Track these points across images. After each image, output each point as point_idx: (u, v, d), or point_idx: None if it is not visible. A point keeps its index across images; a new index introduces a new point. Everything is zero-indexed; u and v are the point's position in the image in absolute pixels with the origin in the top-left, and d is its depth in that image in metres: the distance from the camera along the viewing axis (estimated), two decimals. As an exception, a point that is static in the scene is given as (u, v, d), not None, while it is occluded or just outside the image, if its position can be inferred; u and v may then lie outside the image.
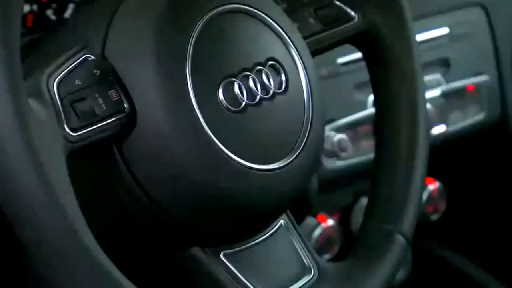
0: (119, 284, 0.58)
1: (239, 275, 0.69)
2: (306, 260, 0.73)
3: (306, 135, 0.70)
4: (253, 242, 0.71)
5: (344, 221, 1.04)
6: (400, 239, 0.76)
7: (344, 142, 0.95)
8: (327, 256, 1.01)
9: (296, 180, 0.70)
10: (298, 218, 0.96)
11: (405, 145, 0.78)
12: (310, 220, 0.99)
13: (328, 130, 0.95)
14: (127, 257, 0.68)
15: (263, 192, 0.67)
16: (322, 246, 0.99)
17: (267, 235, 0.72)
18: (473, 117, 1.05)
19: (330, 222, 1.00)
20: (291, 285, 0.71)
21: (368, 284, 0.73)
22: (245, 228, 0.70)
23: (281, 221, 0.73)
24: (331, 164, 0.95)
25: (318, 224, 0.99)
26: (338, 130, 0.96)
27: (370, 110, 0.98)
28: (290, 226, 0.74)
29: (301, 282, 0.71)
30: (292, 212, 0.76)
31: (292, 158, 0.69)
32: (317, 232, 0.98)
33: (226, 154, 0.64)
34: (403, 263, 1.08)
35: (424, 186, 0.81)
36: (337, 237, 1.00)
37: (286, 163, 0.68)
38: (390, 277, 0.75)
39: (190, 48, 0.65)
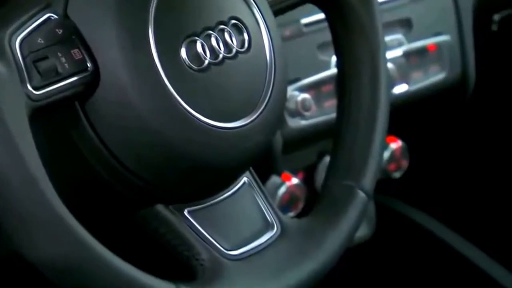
0: (80, 238, 0.59)
1: (203, 231, 0.69)
2: (269, 217, 0.74)
3: (269, 94, 0.70)
4: (217, 199, 0.71)
5: (308, 179, 1.05)
6: (361, 194, 0.77)
7: (307, 102, 0.95)
8: (291, 214, 1.01)
9: (258, 138, 0.70)
10: (263, 177, 0.96)
11: (366, 104, 0.79)
12: (274, 179, 1.00)
13: (292, 90, 0.95)
14: (91, 215, 0.68)
15: (226, 149, 0.68)
16: (286, 204, 0.99)
17: (231, 192, 0.72)
18: (434, 76, 1.06)
19: (295, 180, 1.01)
20: (254, 240, 0.71)
21: (329, 238, 0.73)
22: (209, 185, 0.70)
23: (245, 179, 0.74)
24: (295, 123, 0.95)
25: (283, 182, 1.00)
26: (302, 89, 0.96)
27: (334, 70, 0.98)
28: (254, 184, 0.74)
29: (264, 238, 0.72)
30: (257, 171, 0.77)
31: (255, 116, 0.69)
32: (282, 190, 0.99)
33: (189, 112, 0.65)
34: (364, 218, 1.10)
35: (385, 144, 0.82)
36: (301, 195, 1.01)
37: (249, 121, 0.69)
38: (351, 231, 0.75)
39: (152, 7, 0.65)
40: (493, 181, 1.28)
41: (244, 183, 0.74)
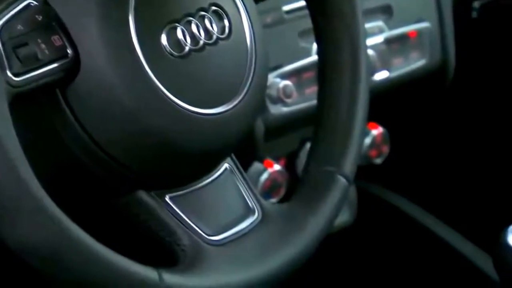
0: (62, 224, 0.58)
1: (184, 217, 0.69)
2: (250, 202, 0.74)
3: (250, 80, 0.70)
4: (199, 185, 0.71)
5: (290, 166, 1.05)
6: (341, 180, 0.77)
7: (289, 89, 0.95)
8: (273, 200, 1.01)
9: (239, 124, 0.70)
10: (246, 164, 0.97)
11: (347, 91, 0.79)
12: (257, 166, 1.00)
13: (273, 77, 0.95)
14: (73, 201, 0.68)
15: (207, 135, 0.68)
16: (268, 190, 0.99)
17: (213, 178, 0.72)
18: (415, 63, 1.06)
19: (277, 167, 1.01)
20: (235, 226, 0.71)
21: (310, 223, 0.74)
22: (190, 171, 0.70)
23: (226, 165, 0.74)
24: (277, 110, 0.95)
25: (265, 169, 1.00)
26: (283, 76, 0.96)
27: (315, 57, 0.98)
28: (235, 170, 0.74)
29: (245, 223, 0.72)
30: (240, 158, 0.77)
31: (236, 102, 0.69)
32: (264, 176, 0.99)
33: (170, 98, 0.65)
34: (346, 204, 1.10)
35: (366, 130, 0.82)
36: (283, 182, 1.01)
37: (230, 107, 0.69)
38: (332, 216, 0.76)
39: None
40: (473, 166, 1.28)
41: (226, 169, 0.73)
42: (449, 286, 1.08)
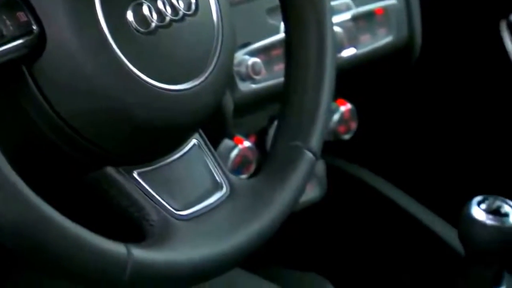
0: (30, 201, 0.58)
1: (152, 192, 0.69)
2: (218, 177, 0.73)
3: (217, 56, 0.70)
4: (167, 161, 0.71)
5: (260, 142, 1.04)
6: (308, 155, 0.76)
7: (257, 66, 0.94)
8: (244, 176, 1.01)
9: (206, 100, 0.70)
10: (216, 140, 0.96)
11: (313, 68, 0.79)
12: (227, 142, 0.99)
13: (242, 54, 0.95)
14: (41, 178, 0.67)
15: (175, 111, 0.67)
16: (239, 166, 0.99)
17: (180, 154, 0.72)
18: (382, 40, 1.06)
19: (247, 143, 1.00)
20: (203, 201, 0.71)
21: (277, 197, 0.73)
22: (158, 147, 0.70)
23: (194, 141, 0.73)
24: (246, 87, 0.95)
25: (235, 145, 0.99)
26: (252, 54, 0.95)
27: (283, 34, 0.97)
28: (203, 145, 0.74)
29: (213, 198, 0.72)
30: (209, 134, 0.76)
31: (203, 78, 0.69)
32: (234, 153, 0.98)
33: (136, 74, 0.64)
34: (315, 179, 1.10)
35: (334, 107, 0.82)
36: (253, 158, 1.01)
37: (196, 83, 0.68)
38: (299, 190, 0.75)
39: None
40: (438, 141, 1.29)
41: (194, 145, 0.73)
42: (415, 259, 1.08)
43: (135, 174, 0.68)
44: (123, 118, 0.64)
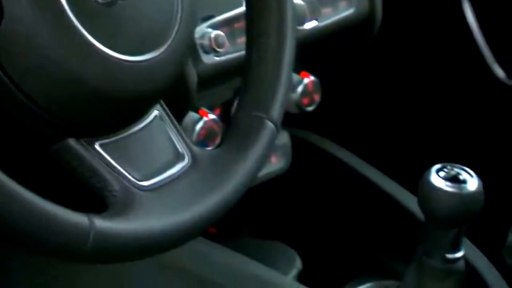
0: None
1: (114, 163, 0.68)
2: (180, 148, 0.73)
3: (177, 27, 0.69)
4: (128, 132, 0.70)
5: (225, 115, 1.03)
6: (269, 125, 0.76)
7: (221, 38, 0.94)
8: (209, 149, 1.00)
9: (166, 71, 0.69)
10: (180, 113, 0.95)
11: (274, 38, 0.79)
12: (192, 115, 0.98)
13: (205, 27, 0.93)
14: (2, 151, 0.66)
15: (134, 82, 0.66)
16: (204, 139, 0.98)
17: (142, 125, 0.71)
18: (343, 12, 1.05)
19: (212, 116, 0.99)
20: (165, 171, 0.71)
21: (239, 167, 0.73)
22: (119, 119, 0.69)
23: (156, 112, 0.73)
24: (209, 60, 0.94)
25: (200, 118, 0.98)
26: (215, 26, 0.94)
27: (246, 7, 0.96)
28: (165, 117, 0.73)
29: (175, 169, 0.71)
30: (174, 107, 0.76)
31: (163, 49, 0.68)
32: (199, 125, 0.97)
33: (95, 46, 0.63)
34: (281, 151, 1.10)
35: (292, 76, 0.81)
36: (218, 130, 1.00)
37: (156, 54, 0.67)
38: (260, 160, 0.75)
39: None
40: (399, 112, 1.29)
41: (156, 116, 0.72)
42: (378, 226, 1.09)
43: (96, 146, 0.68)
44: (82, 89, 0.63)
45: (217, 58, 0.95)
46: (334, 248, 1.13)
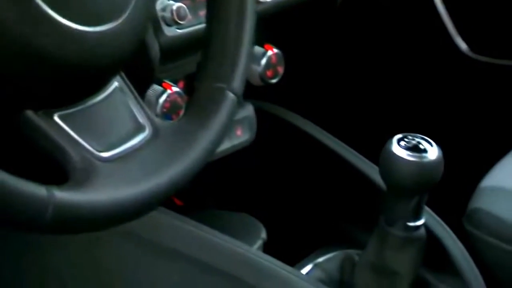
0: None
1: (74, 135, 0.67)
2: (141, 119, 0.72)
3: None
4: (88, 104, 0.69)
5: (189, 88, 1.02)
6: (230, 95, 0.76)
7: (183, 10, 0.92)
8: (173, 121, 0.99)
9: (123, 42, 0.68)
10: (144, 86, 0.94)
11: (234, 8, 0.77)
12: (155, 88, 0.97)
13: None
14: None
15: (92, 53, 0.65)
16: (168, 111, 0.97)
17: (102, 96, 0.70)
18: (305, -16, 1.04)
19: (175, 89, 0.98)
20: (126, 142, 0.70)
21: (200, 138, 0.72)
22: (77, 90, 0.68)
23: (116, 83, 0.71)
24: (172, 32, 0.93)
25: (164, 91, 0.97)
26: (177, -1, 0.93)
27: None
28: (125, 88, 0.72)
29: (136, 140, 0.70)
30: (137, 80, 0.75)
31: (120, 21, 0.67)
32: (163, 98, 0.96)
33: (51, 16, 0.62)
34: (246, 123, 1.09)
35: (253, 47, 0.80)
36: (182, 103, 0.99)
37: (113, 25, 0.66)
38: (222, 130, 0.74)
39: None
40: (363, 83, 1.29)
41: (116, 87, 0.71)
42: (342, 197, 1.09)
43: (56, 117, 0.66)
44: (38, 60, 0.62)
45: (179, 31, 0.93)
46: (299, 219, 1.13)
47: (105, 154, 0.67)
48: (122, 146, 0.69)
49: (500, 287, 1.01)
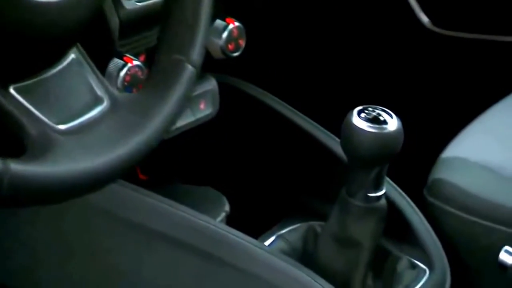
0: None
1: (31, 108, 0.66)
2: (99, 92, 0.71)
3: None
4: (44, 76, 0.68)
5: (149, 61, 1.01)
6: (189, 67, 0.75)
7: (142, -16, 0.92)
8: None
9: (77, 14, 0.67)
10: (104, 59, 0.93)
11: None
12: (116, 61, 0.96)
13: (126, -28, 0.91)
14: None
15: (45, 24, 0.64)
16: (129, 85, 0.96)
17: (59, 68, 0.69)
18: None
19: (136, 62, 0.97)
20: (83, 115, 0.69)
21: (159, 109, 0.72)
22: (32, 62, 0.67)
23: (73, 55, 0.71)
24: (131, 5, 0.92)
25: (125, 64, 0.96)
26: (136, -28, 0.92)
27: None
28: (82, 61, 0.71)
29: (94, 112, 0.70)
30: (98, 53, 0.74)
31: None
32: (123, 72, 0.95)
33: None
34: (208, 97, 1.09)
35: (210, 20, 0.80)
36: (142, 77, 0.98)
37: None
38: (180, 102, 0.74)
39: None
40: (324, 56, 1.29)
41: (73, 59, 0.71)
42: (304, 169, 1.09)
43: (11, 90, 0.66)
44: None
45: (138, 4, 0.92)
46: (262, 192, 1.13)
47: (62, 127, 0.67)
48: (79, 118, 0.68)
49: (459, 256, 1.02)
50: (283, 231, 1.04)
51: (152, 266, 0.91)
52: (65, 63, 0.69)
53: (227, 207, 1.07)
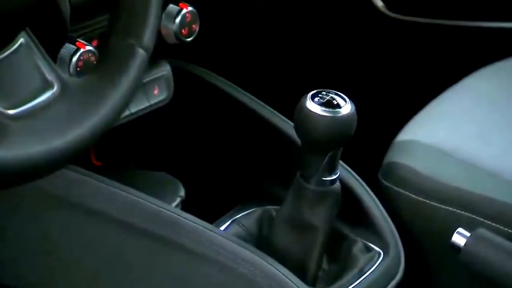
0: None
1: None
2: (49, 76, 0.71)
3: None
4: None
5: (102, 46, 1.01)
6: (140, 51, 0.75)
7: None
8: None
9: None
10: (56, 45, 0.92)
11: None
12: (68, 46, 0.95)
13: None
14: None
15: None
16: (81, 70, 0.95)
17: (6, 53, 0.69)
18: None
19: (88, 47, 0.96)
20: (33, 99, 0.68)
21: (110, 94, 0.72)
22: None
23: (22, 40, 0.70)
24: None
25: (77, 49, 0.95)
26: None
27: None
28: (32, 45, 0.71)
29: (44, 97, 0.69)
30: (50, 39, 0.73)
31: None
32: (76, 57, 0.94)
33: None
34: (163, 82, 1.08)
35: (161, 4, 0.79)
36: (95, 62, 0.97)
37: None
38: (132, 86, 0.74)
39: None
40: (278, 41, 1.29)
41: (21, 44, 0.70)
42: (258, 153, 1.09)
43: None
44: None
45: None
46: (217, 177, 1.13)
47: (11, 112, 0.66)
48: (29, 103, 0.68)
49: (414, 239, 1.03)
50: (238, 216, 1.05)
51: (105, 250, 0.91)
52: (13, 47, 0.68)
53: (182, 192, 1.07)
